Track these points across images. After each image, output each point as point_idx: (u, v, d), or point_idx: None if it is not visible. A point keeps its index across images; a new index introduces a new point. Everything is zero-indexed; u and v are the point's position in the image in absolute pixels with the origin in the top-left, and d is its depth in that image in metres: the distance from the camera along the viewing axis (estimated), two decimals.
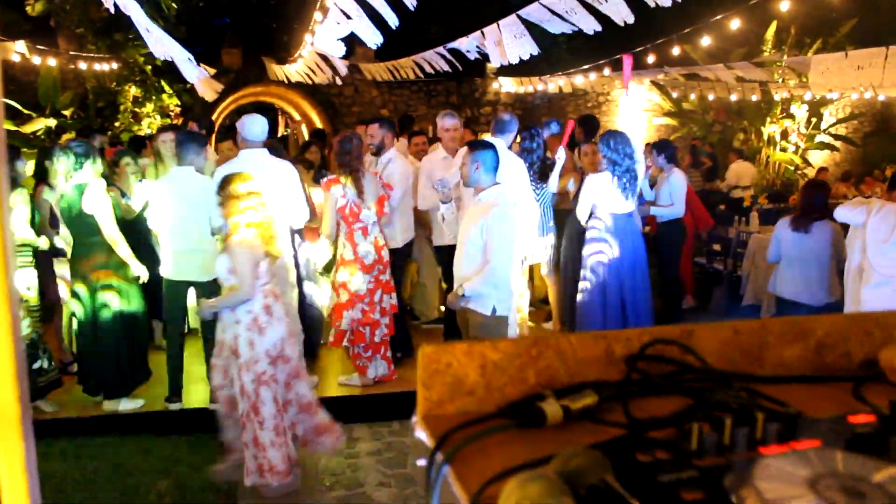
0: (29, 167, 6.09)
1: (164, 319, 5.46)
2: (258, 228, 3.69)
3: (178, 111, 11.76)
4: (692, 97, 13.53)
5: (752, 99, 12.14)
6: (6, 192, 0.68)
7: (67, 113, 10.52)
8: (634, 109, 14.15)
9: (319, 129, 12.23)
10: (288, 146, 17.42)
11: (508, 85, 14.14)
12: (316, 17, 6.60)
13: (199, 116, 8.17)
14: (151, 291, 5.16)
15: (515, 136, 5.65)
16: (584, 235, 5.52)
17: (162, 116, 11.33)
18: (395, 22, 4.98)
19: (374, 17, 5.22)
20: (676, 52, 8.66)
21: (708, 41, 8.60)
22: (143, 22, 4.74)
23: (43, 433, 4.32)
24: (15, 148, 6.60)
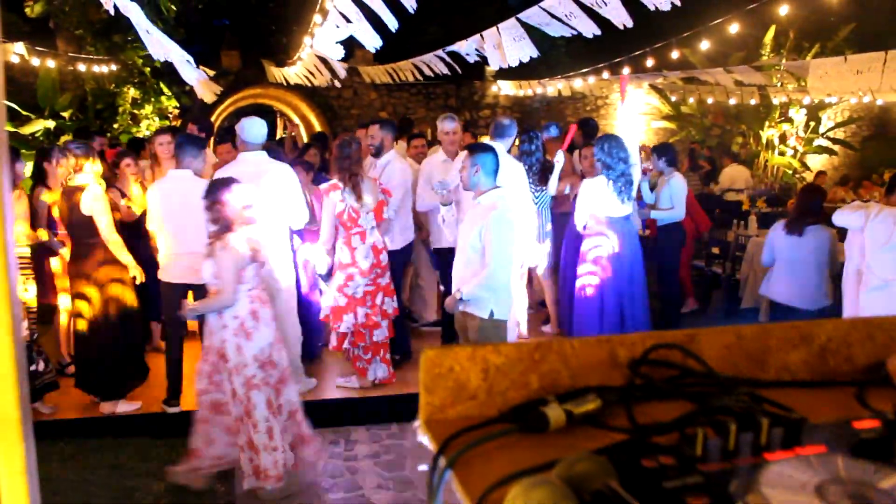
0: (27, 168, 6.08)
1: (162, 321, 5.45)
2: (244, 234, 3.67)
3: (176, 113, 11.75)
4: (691, 101, 13.57)
5: (750, 103, 12.17)
6: (8, 193, 0.68)
7: (66, 114, 10.51)
8: (633, 113, 14.17)
9: (321, 132, 12.23)
10: (285, 148, 17.37)
11: (507, 88, 14.16)
12: (315, 19, 6.61)
13: (197, 118, 8.16)
14: (151, 293, 5.14)
15: (514, 139, 5.65)
16: (581, 239, 5.51)
17: (161, 118, 11.31)
18: (394, 25, 4.99)
19: (373, 20, 5.22)
20: (675, 55, 8.66)
21: (707, 45, 8.60)
22: (142, 23, 4.74)
23: (40, 435, 4.29)
24: (14, 149, 6.59)
